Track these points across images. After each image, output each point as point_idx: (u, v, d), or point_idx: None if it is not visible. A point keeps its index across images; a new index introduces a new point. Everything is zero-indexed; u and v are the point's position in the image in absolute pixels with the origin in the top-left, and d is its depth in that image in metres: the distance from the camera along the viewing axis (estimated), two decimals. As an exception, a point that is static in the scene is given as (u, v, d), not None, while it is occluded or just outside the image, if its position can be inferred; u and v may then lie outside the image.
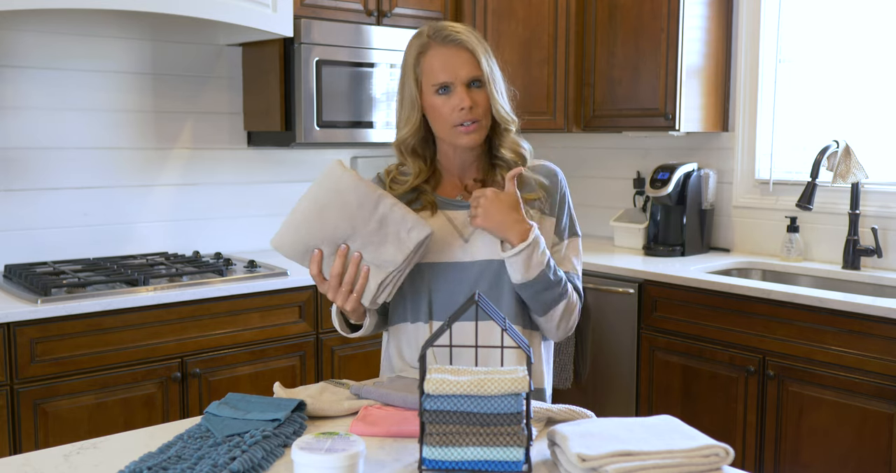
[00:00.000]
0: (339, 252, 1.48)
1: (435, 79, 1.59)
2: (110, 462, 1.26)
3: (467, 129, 1.60)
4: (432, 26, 1.64)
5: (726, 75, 3.44)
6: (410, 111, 1.64)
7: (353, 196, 1.45)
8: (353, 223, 1.46)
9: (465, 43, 1.60)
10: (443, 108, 1.59)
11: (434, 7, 3.42)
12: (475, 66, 1.59)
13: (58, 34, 2.94)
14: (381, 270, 1.49)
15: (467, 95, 1.58)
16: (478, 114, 1.60)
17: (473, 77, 1.60)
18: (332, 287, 1.51)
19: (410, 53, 1.63)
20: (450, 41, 1.60)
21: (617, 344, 3.14)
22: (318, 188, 1.46)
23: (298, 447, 1.13)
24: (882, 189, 3.03)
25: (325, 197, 1.45)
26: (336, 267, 1.48)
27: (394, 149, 1.70)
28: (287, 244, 1.48)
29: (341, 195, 1.45)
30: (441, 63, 1.59)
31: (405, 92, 1.64)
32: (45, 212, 2.97)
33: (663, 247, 3.39)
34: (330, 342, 2.97)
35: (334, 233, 1.46)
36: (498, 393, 1.18)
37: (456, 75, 1.59)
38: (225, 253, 3.27)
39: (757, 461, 2.75)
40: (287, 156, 3.52)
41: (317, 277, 1.51)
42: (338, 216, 1.45)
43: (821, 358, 2.57)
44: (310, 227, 1.46)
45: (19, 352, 2.36)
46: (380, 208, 1.47)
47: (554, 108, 3.56)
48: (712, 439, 1.24)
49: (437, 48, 1.60)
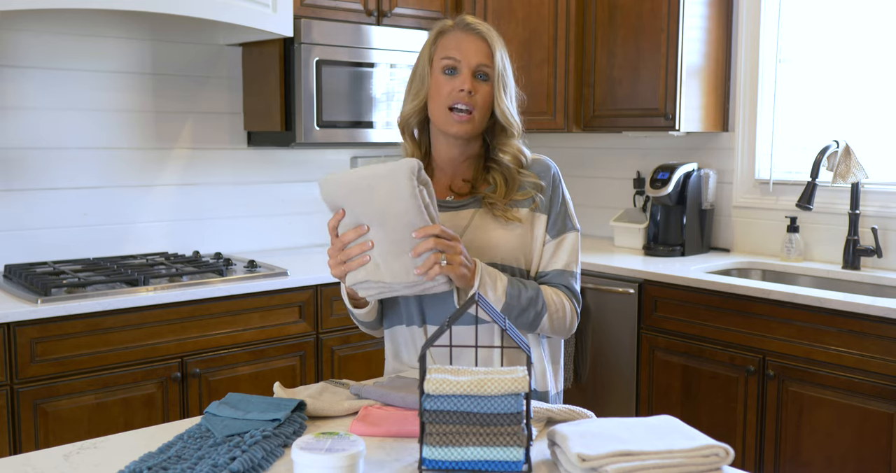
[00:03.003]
0: (359, 228, 1.48)
1: (446, 53, 1.63)
2: (110, 462, 1.26)
3: (459, 118, 1.61)
4: (459, 16, 1.69)
5: (726, 75, 3.44)
6: (419, 87, 1.67)
7: (401, 202, 1.43)
8: (384, 218, 1.45)
9: (483, 34, 1.64)
10: (444, 87, 1.62)
11: (434, 7, 3.42)
12: (488, 56, 1.62)
13: (58, 34, 2.94)
14: (376, 271, 1.48)
15: (471, 81, 1.61)
16: (475, 102, 1.61)
17: (483, 65, 1.62)
18: (334, 246, 1.52)
19: (431, 35, 1.68)
20: (470, 29, 1.65)
21: (617, 344, 3.14)
22: (385, 170, 1.44)
23: (298, 447, 1.13)
24: (882, 189, 3.03)
25: (382, 180, 1.44)
26: (347, 235, 1.48)
27: (397, 126, 1.72)
28: (329, 190, 1.48)
29: (393, 191, 1.43)
30: (456, 43, 1.63)
31: (417, 68, 1.68)
32: (45, 212, 2.97)
33: (663, 247, 3.39)
34: (330, 342, 2.97)
35: (364, 210, 1.46)
36: (498, 393, 1.18)
37: (466, 58, 1.62)
38: (225, 254, 3.27)
39: (757, 461, 2.75)
40: (287, 156, 3.52)
41: (331, 230, 1.51)
42: (377, 202, 1.44)
43: (821, 358, 2.57)
44: (353, 191, 1.46)
45: (19, 352, 2.36)
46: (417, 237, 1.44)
47: (554, 108, 3.56)
48: (712, 439, 1.24)
49: (456, 31, 1.65)
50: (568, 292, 1.66)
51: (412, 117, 1.69)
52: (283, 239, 3.54)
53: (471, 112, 1.61)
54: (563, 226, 1.68)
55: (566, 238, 1.68)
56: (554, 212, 1.67)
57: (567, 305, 1.64)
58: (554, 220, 1.67)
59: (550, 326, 1.62)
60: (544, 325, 1.61)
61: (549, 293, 1.63)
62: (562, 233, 1.67)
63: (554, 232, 1.67)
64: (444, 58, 1.63)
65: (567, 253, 1.67)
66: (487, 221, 1.64)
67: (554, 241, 1.67)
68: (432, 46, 1.66)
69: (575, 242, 1.69)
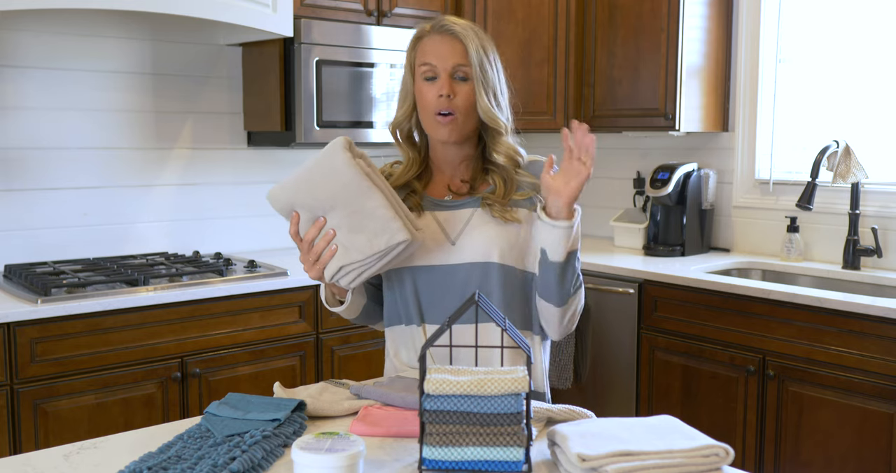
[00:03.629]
0: (317, 222, 1.50)
1: (424, 59, 1.62)
2: (110, 462, 1.26)
3: (443, 120, 1.61)
4: (436, 19, 1.68)
5: (726, 75, 3.44)
6: (405, 95, 1.68)
7: (342, 176, 1.46)
8: (334, 201, 1.48)
9: (458, 34, 1.62)
10: (427, 95, 1.62)
11: (434, 7, 3.43)
12: (463, 55, 1.61)
13: (58, 34, 2.94)
14: (346, 254, 1.50)
15: (448, 85, 1.60)
16: (455, 105, 1.60)
17: (459, 65, 1.60)
18: (302, 250, 1.54)
19: (411, 40, 1.68)
20: (445, 30, 1.63)
21: (617, 344, 3.14)
22: (318, 157, 1.50)
23: (298, 447, 1.13)
24: (882, 189, 3.03)
25: (318, 167, 1.48)
26: (309, 233, 1.51)
27: (390, 133, 1.73)
28: (277, 199, 1.53)
29: (332, 171, 1.47)
30: (431, 48, 1.63)
31: (404, 76, 1.69)
32: (45, 212, 2.97)
33: (663, 247, 3.39)
34: (330, 342, 2.97)
35: (314, 203, 1.49)
36: (498, 393, 1.18)
37: (442, 62, 1.61)
38: (225, 253, 3.27)
39: (757, 461, 2.75)
40: (287, 156, 3.52)
41: (293, 237, 1.53)
42: (322, 188, 1.48)
43: (821, 358, 2.57)
44: (297, 190, 1.50)
45: (19, 352, 2.36)
46: (366, 201, 1.47)
47: (554, 108, 3.56)
48: (712, 439, 1.24)
49: (433, 35, 1.64)
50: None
51: (404, 123, 1.69)
52: (283, 239, 3.54)
53: (453, 114, 1.60)
54: None
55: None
56: None
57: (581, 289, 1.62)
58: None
59: (576, 304, 1.60)
60: (575, 300, 1.59)
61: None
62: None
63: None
64: (423, 64, 1.62)
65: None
66: (486, 221, 1.64)
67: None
68: (412, 52, 1.66)
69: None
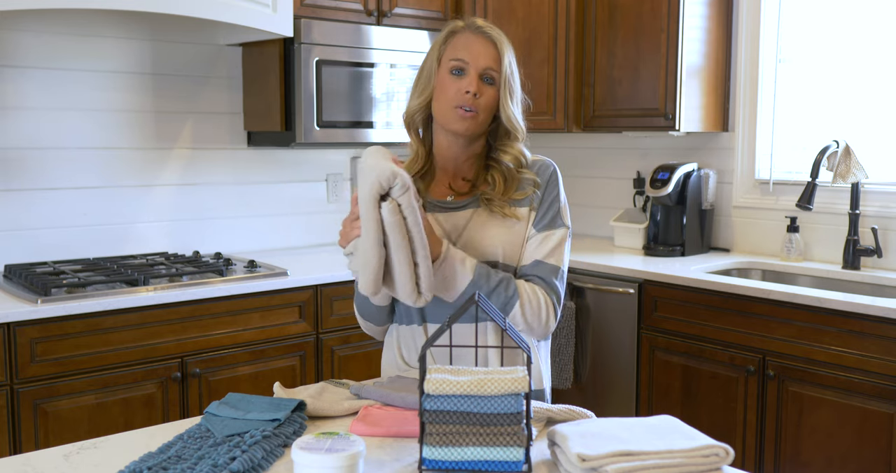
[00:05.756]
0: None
1: (455, 54, 1.64)
2: (110, 462, 1.26)
3: (464, 115, 1.62)
4: (468, 19, 1.70)
5: (726, 75, 3.44)
6: (425, 85, 1.68)
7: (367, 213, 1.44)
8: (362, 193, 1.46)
9: (494, 38, 1.66)
10: (450, 87, 1.63)
11: (434, 7, 3.42)
12: (496, 60, 1.64)
13: (58, 34, 2.94)
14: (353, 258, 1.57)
15: (477, 84, 1.62)
16: (479, 105, 1.62)
17: (490, 69, 1.63)
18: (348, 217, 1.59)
19: (442, 34, 1.69)
20: (481, 32, 1.66)
21: (617, 344, 3.14)
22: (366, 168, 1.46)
23: (298, 447, 1.13)
24: (882, 189, 3.03)
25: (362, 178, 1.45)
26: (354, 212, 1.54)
27: (403, 122, 1.74)
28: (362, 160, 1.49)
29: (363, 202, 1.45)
30: (465, 44, 1.65)
31: (425, 66, 1.69)
32: (45, 212, 2.96)
33: (663, 247, 3.39)
34: (330, 342, 2.97)
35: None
36: (498, 393, 1.18)
37: (475, 60, 1.63)
38: (225, 254, 3.27)
39: (757, 461, 2.75)
40: (287, 156, 3.52)
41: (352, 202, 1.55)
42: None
43: (821, 358, 2.57)
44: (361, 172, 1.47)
45: (19, 352, 2.36)
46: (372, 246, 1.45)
47: (554, 108, 3.56)
48: (712, 439, 1.24)
49: (467, 33, 1.67)
50: (546, 287, 1.61)
51: (417, 114, 1.70)
52: (283, 239, 3.54)
53: (475, 112, 1.62)
54: (551, 223, 1.64)
55: (553, 234, 1.64)
56: (544, 207, 1.65)
57: (542, 299, 1.59)
58: (542, 215, 1.64)
59: (523, 317, 1.58)
60: (516, 315, 1.57)
61: (523, 283, 1.60)
62: (550, 228, 1.64)
63: (541, 226, 1.64)
64: (453, 59, 1.64)
65: (551, 248, 1.63)
66: (486, 220, 1.64)
67: (540, 235, 1.63)
68: (442, 46, 1.67)
69: (562, 239, 1.65)
